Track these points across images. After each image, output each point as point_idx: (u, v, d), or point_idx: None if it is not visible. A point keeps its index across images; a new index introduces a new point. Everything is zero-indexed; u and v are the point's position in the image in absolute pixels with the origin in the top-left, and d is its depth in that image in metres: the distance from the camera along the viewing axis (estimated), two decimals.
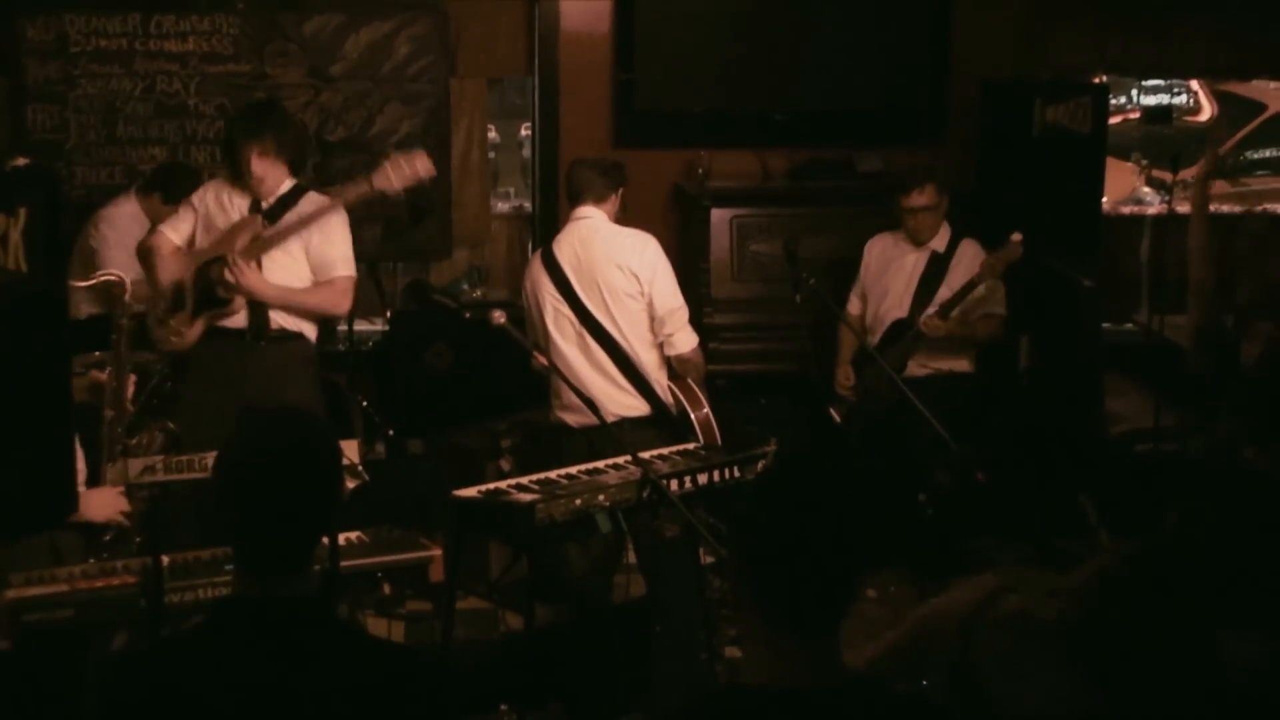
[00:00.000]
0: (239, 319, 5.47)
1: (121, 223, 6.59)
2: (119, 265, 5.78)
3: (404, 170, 5.39)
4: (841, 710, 2.31)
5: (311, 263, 5.53)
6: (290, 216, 5.47)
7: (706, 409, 5.49)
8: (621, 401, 5.38)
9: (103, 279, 4.82)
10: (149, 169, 7.12)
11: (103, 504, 4.41)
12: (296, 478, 2.59)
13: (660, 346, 5.49)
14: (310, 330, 5.62)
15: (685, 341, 5.51)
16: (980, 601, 2.90)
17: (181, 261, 5.51)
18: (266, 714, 2.48)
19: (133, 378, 4.86)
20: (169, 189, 6.58)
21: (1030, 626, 2.79)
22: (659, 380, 5.48)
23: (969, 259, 6.27)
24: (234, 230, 5.44)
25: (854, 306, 6.55)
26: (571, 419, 5.41)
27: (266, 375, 5.46)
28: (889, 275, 6.38)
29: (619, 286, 5.38)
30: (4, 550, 4.12)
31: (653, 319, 5.45)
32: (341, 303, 5.65)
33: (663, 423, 5.43)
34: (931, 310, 6.13)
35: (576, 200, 5.57)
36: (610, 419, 5.18)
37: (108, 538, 4.54)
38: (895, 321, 6.26)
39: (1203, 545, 3.01)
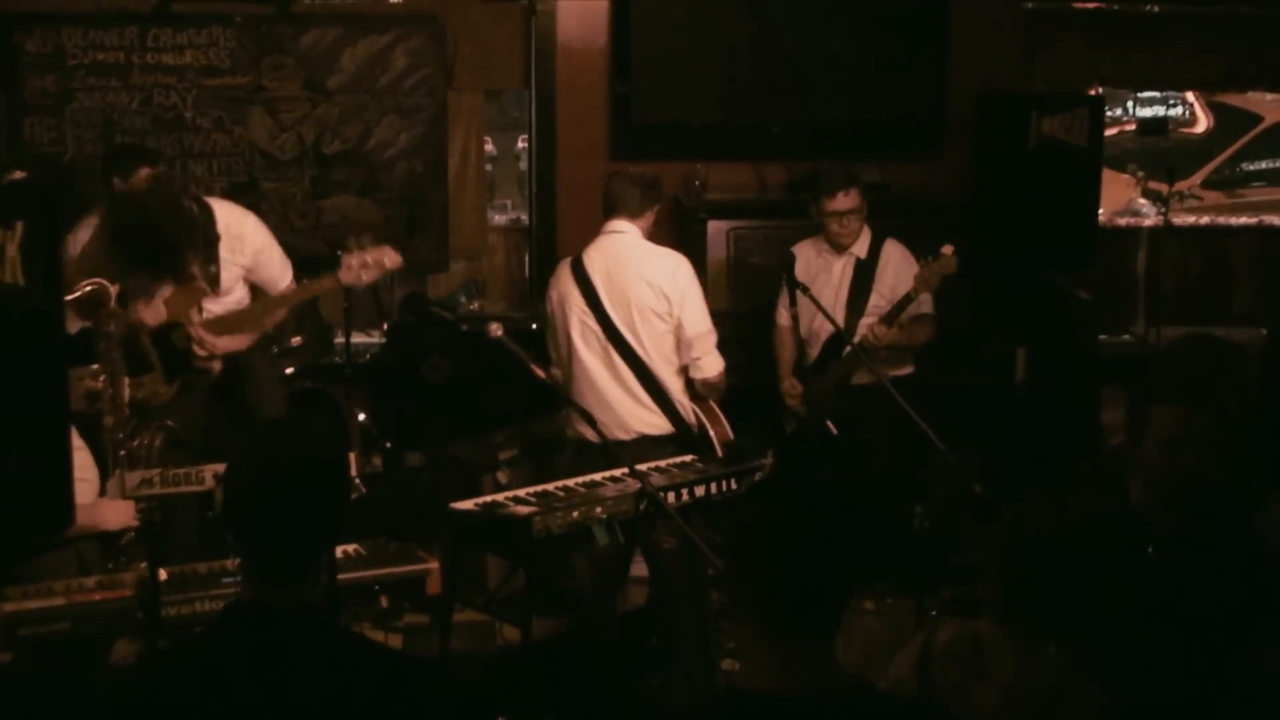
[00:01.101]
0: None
1: (90, 233, 6.56)
2: None
3: (370, 265, 5.47)
4: (838, 714, 2.32)
5: (259, 281, 5.76)
6: (238, 263, 5.63)
7: (727, 428, 5.48)
8: (644, 419, 5.33)
9: (87, 288, 4.80)
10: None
11: (116, 512, 4.42)
12: (302, 486, 2.61)
13: (684, 368, 5.43)
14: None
15: (712, 366, 5.43)
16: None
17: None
18: (271, 719, 2.49)
19: (127, 380, 4.86)
20: (118, 165, 6.60)
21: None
22: (682, 400, 5.42)
23: (895, 262, 6.24)
24: (176, 301, 5.48)
25: (784, 319, 6.37)
26: (591, 434, 5.35)
27: (240, 386, 5.66)
28: (817, 286, 6.16)
29: (648, 306, 5.30)
30: (33, 562, 4.15)
31: (679, 341, 5.36)
32: (295, 298, 5.89)
33: (684, 441, 5.38)
34: (869, 319, 6.09)
35: (611, 213, 5.47)
36: (631, 436, 5.18)
37: (123, 542, 4.55)
38: (833, 334, 6.11)
39: None
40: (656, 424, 5.36)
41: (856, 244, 6.26)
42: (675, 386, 5.40)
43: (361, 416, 6.79)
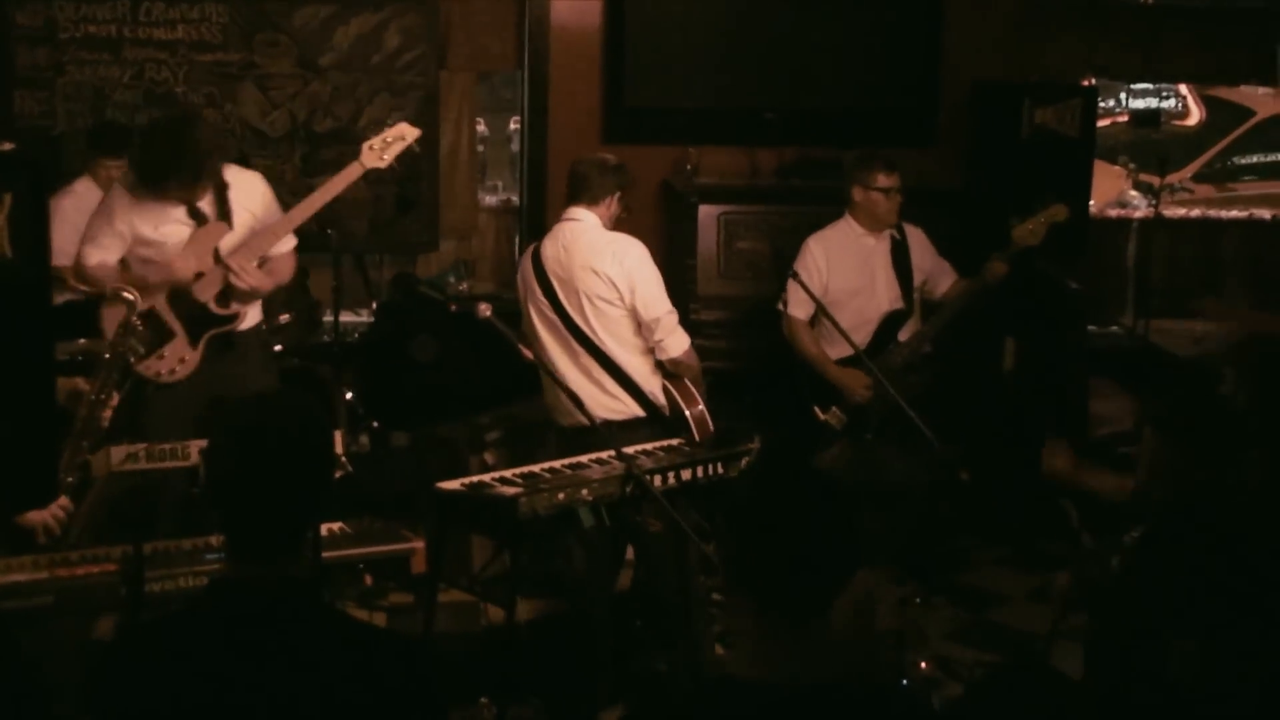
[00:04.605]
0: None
1: (71, 200, 6.54)
2: (67, 243, 5.74)
3: (390, 142, 5.42)
4: (832, 705, 2.32)
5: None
6: (247, 207, 5.43)
7: (701, 405, 5.39)
8: (606, 405, 5.27)
9: (124, 295, 4.69)
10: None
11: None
12: (285, 460, 2.59)
13: (650, 351, 5.37)
14: (256, 316, 5.64)
15: (676, 346, 5.36)
16: None
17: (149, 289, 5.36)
18: (255, 694, 2.49)
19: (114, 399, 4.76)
20: (109, 145, 6.56)
21: None
22: (649, 383, 5.36)
23: (920, 240, 6.23)
24: (197, 243, 5.37)
25: (803, 311, 6.09)
26: (563, 419, 5.32)
27: (227, 366, 5.44)
28: (856, 269, 6.10)
29: (597, 293, 5.24)
30: None
31: (639, 326, 5.31)
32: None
33: (655, 423, 5.32)
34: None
35: (572, 199, 5.41)
36: (596, 423, 5.15)
37: (42, 540, 4.47)
38: (890, 314, 6.08)
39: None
40: (620, 409, 5.31)
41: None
42: (640, 370, 5.35)
43: (349, 395, 6.78)
